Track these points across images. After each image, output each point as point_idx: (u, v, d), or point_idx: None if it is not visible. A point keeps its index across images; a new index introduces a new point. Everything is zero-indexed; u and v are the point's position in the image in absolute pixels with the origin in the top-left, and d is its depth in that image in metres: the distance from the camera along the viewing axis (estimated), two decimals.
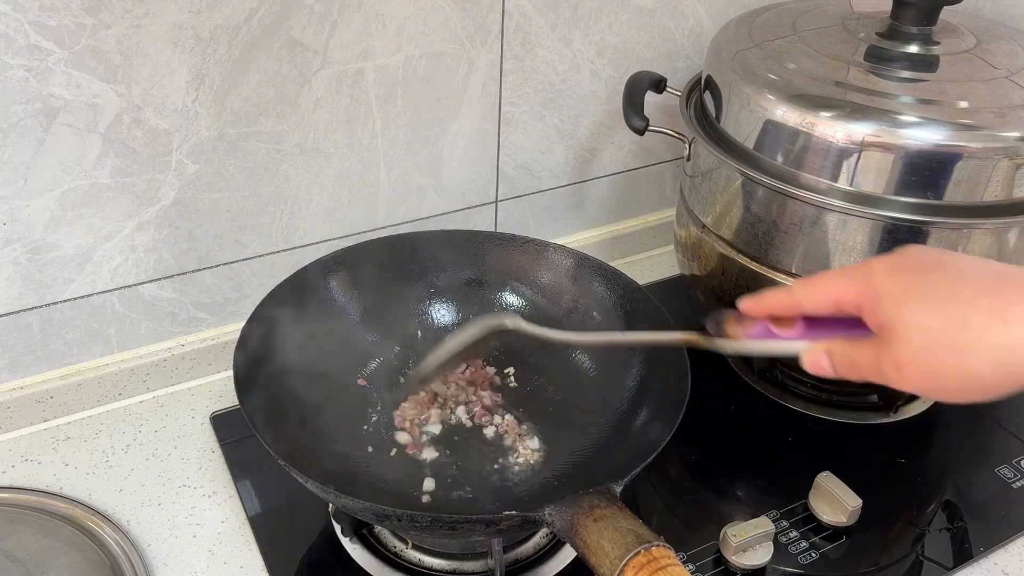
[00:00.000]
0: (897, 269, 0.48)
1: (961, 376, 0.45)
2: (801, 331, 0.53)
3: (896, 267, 0.48)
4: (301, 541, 0.73)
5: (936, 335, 0.45)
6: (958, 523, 0.77)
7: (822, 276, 0.51)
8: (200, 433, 0.82)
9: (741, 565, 0.70)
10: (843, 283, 0.50)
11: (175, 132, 0.77)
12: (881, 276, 0.48)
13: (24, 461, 0.79)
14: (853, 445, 0.84)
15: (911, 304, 0.46)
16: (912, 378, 0.46)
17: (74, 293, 0.80)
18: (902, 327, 0.46)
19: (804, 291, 0.51)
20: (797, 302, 0.52)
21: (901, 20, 0.78)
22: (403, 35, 0.82)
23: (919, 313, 0.46)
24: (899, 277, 0.48)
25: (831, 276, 0.51)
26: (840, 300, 0.50)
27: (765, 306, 0.53)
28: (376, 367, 0.81)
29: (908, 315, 0.46)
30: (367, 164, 0.88)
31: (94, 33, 0.70)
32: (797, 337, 0.53)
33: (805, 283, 0.52)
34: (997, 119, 0.68)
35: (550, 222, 1.05)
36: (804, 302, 0.51)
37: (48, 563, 0.66)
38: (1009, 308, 0.44)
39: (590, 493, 0.57)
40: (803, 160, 0.72)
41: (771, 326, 0.53)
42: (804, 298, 0.51)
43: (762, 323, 0.54)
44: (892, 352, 0.46)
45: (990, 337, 0.44)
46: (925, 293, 0.46)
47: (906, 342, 0.46)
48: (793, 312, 0.52)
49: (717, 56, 0.81)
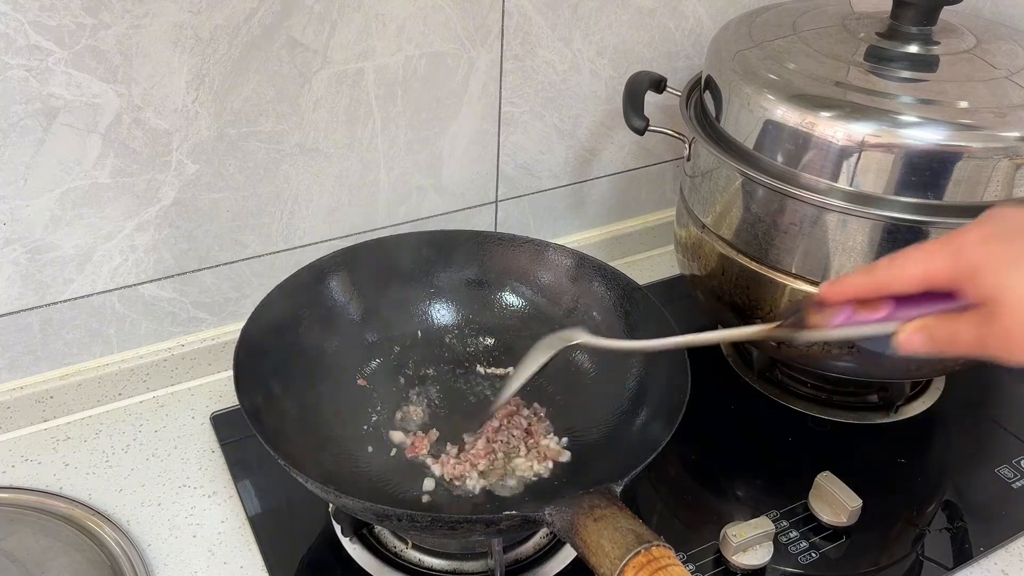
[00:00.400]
0: (991, 237, 0.46)
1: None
2: (891, 311, 0.50)
3: (986, 235, 0.46)
4: (301, 541, 0.73)
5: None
6: (958, 523, 0.77)
7: (907, 253, 0.49)
8: (200, 433, 0.82)
9: (741, 565, 0.70)
10: (933, 259, 0.48)
11: (175, 132, 0.77)
12: (974, 247, 0.46)
13: (24, 461, 0.79)
14: (853, 445, 0.84)
15: (1014, 274, 0.44)
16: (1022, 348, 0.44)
17: (74, 293, 0.80)
18: (1008, 298, 0.44)
19: (890, 271, 0.49)
20: (883, 283, 0.50)
21: (901, 20, 0.78)
22: (403, 35, 0.82)
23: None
24: (995, 246, 0.46)
25: (918, 253, 0.49)
26: (931, 277, 0.48)
27: (848, 291, 0.51)
28: (376, 367, 0.81)
29: (1015, 284, 0.44)
30: (367, 164, 0.88)
31: (94, 33, 0.70)
32: (885, 319, 0.50)
33: (890, 262, 0.49)
34: (997, 119, 0.68)
35: (550, 222, 1.05)
36: (891, 283, 0.49)
37: (48, 563, 0.66)
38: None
39: (590, 493, 0.57)
40: (803, 160, 0.72)
41: (856, 311, 0.51)
42: (891, 278, 0.49)
43: (846, 308, 0.51)
44: (1000, 325, 0.44)
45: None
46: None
47: (1014, 313, 0.44)
48: (880, 294, 0.50)
49: (717, 56, 0.81)
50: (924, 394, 0.90)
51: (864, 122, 0.69)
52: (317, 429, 0.73)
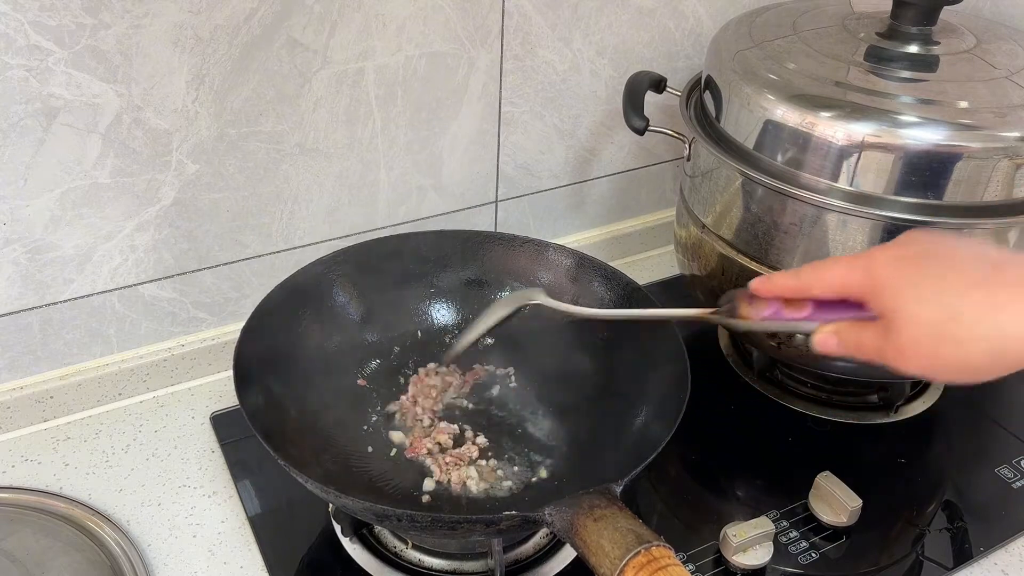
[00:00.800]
0: (899, 259, 0.50)
1: (959, 362, 0.47)
2: (810, 312, 0.55)
3: (897, 257, 0.51)
4: (301, 541, 0.73)
5: (932, 326, 0.48)
6: (958, 523, 0.77)
7: (829, 262, 0.54)
8: (200, 433, 0.82)
9: (741, 565, 0.70)
10: (848, 271, 0.52)
11: (175, 132, 0.77)
12: (882, 266, 0.50)
13: (24, 461, 0.79)
14: (853, 445, 0.84)
15: (910, 295, 0.49)
16: (912, 362, 0.49)
17: (74, 293, 0.80)
18: (902, 317, 0.48)
19: (813, 275, 0.54)
20: (806, 286, 0.54)
21: (901, 20, 0.78)
22: (403, 35, 0.82)
23: (916, 304, 0.48)
24: (898, 267, 0.50)
25: (839, 263, 0.53)
26: (846, 287, 0.52)
27: (775, 288, 0.56)
28: (376, 367, 0.81)
29: (907, 306, 0.48)
30: (367, 164, 0.88)
31: (94, 33, 0.70)
32: (806, 318, 0.55)
33: (814, 268, 0.54)
34: (997, 119, 0.68)
35: (550, 222, 1.05)
36: (813, 286, 0.54)
37: (48, 563, 0.66)
38: (1001, 298, 0.46)
39: (590, 493, 0.57)
40: (803, 160, 0.72)
41: (782, 307, 0.56)
42: (813, 282, 0.54)
43: (773, 303, 0.56)
44: (894, 338, 0.49)
45: (982, 328, 0.46)
46: (922, 284, 0.48)
47: (906, 329, 0.48)
48: (802, 295, 0.55)
49: (717, 56, 0.81)
50: (924, 394, 0.90)
51: (864, 122, 0.69)
52: (317, 429, 0.73)
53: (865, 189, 0.70)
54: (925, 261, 0.49)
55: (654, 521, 0.76)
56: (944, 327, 0.47)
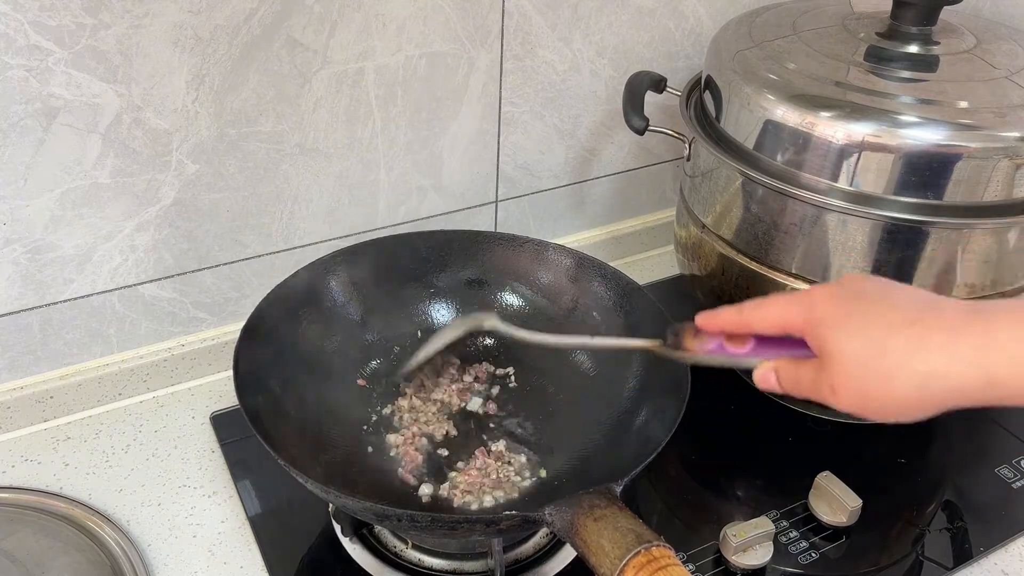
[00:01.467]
0: (836, 297, 0.51)
1: (887, 398, 0.48)
2: (752, 349, 0.55)
3: (835, 295, 0.51)
4: (301, 541, 0.73)
5: (863, 359, 0.48)
6: (958, 523, 0.77)
7: (771, 299, 0.54)
8: (200, 433, 0.82)
9: (741, 565, 0.70)
10: (789, 308, 0.53)
11: (175, 132, 0.77)
12: (821, 303, 0.51)
13: (24, 461, 0.79)
14: (853, 445, 0.84)
15: (844, 330, 0.49)
16: (844, 398, 0.50)
17: (74, 293, 0.80)
18: (835, 351, 0.49)
19: (754, 312, 0.54)
20: (748, 322, 0.55)
21: (901, 20, 0.78)
22: (403, 35, 0.82)
23: (849, 339, 0.49)
24: (836, 304, 0.51)
25: (779, 300, 0.54)
26: (786, 323, 0.53)
27: (718, 323, 0.56)
28: (376, 367, 0.81)
29: (841, 340, 0.49)
30: (367, 164, 0.88)
31: (94, 33, 0.70)
32: (748, 354, 0.56)
33: (756, 305, 0.54)
34: (997, 119, 0.68)
35: (550, 222, 1.05)
36: (754, 322, 0.54)
37: (48, 563, 0.66)
38: (931, 337, 0.47)
39: (590, 493, 0.57)
40: (803, 160, 0.72)
41: (724, 342, 0.56)
42: (754, 319, 0.54)
43: (717, 338, 0.56)
44: (828, 374, 0.50)
45: (912, 363, 0.47)
46: (856, 320, 0.49)
47: (838, 365, 0.49)
48: (744, 331, 0.55)
49: (717, 56, 0.81)
50: None
51: (864, 122, 0.69)
52: (317, 429, 0.73)
53: (865, 189, 0.70)
54: (861, 299, 0.50)
55: (654, 521, 0.76)
56: (873, 361, 0.48)
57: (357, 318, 0.81)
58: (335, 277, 0.80)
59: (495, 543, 0.66)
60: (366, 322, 0.82)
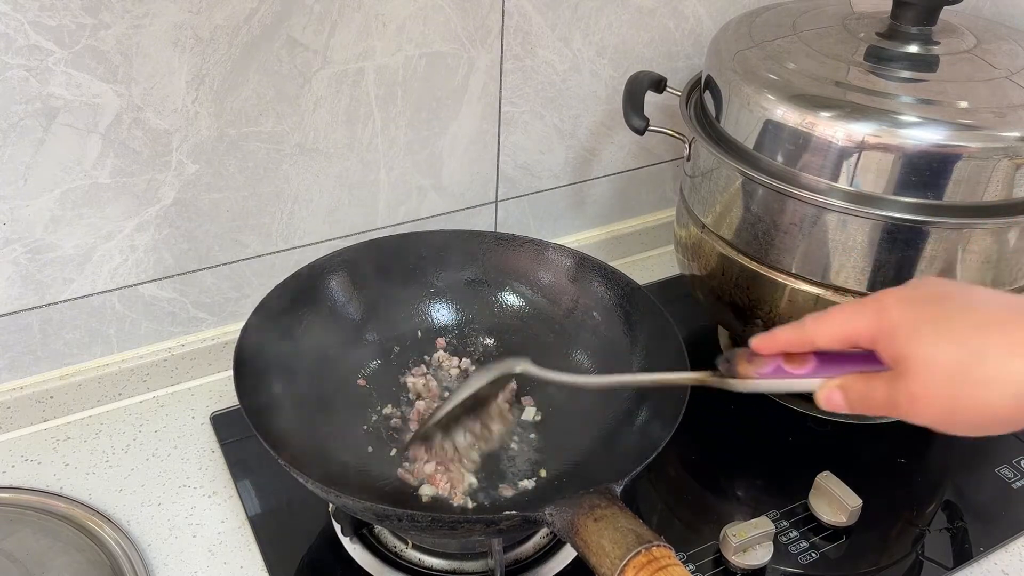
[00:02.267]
0: (910, 300, 0.47)
1: (979, 408, 0.44)
2: (814, 367, 0.52)
3: (909, 298, 0.47)
4: (301, 541, 0.73)
5: (952, 367, 0.44)
6: (958, 523, 0.77)
7: (835, 310, 0.50)
8: (200, 433, 0.82)
9: (741, 565, 0.70)
10: (856, 317, 0.49)
11: (175, 132, 0.77)
12: (894, 308, 0.47)
13: (24, 461, 0.79)
14: (853, 445, 0.84)
15: (925, 336, 0.45)
16: (926, 411, 0.45)
17: (74, 293, 0.80)
18: (916, 359, 0.45)
19: (817, 326, 0.50)
20: (810, 338, 0.51)
21: (901, 20, 0.78)
22: (403, 35, 0.82)
23: (934, 345, 0.45)
24: (912, 308, 0.46)
25: (844, 310, 0.50)
26: (854, 334, 0.49)
27: (778, 343, 0.52)
28: (376, 367, 0.81)
29: (923, 347, 0.45)
30: (367, 164, 0.88)
31: (94, 33, 0.70)
32: (810, 374, 0.52)
33: (817, 318, 0.51)
34: (997, 119, 0.68)
35: (550, 222, 1.05)
36: (817, 338, 0.50)
37: (48, 563, 0.66)
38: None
39: (590, 493, 0.57)
40: (803, 160, 0.72)
41: (783, 363, 0.52)
42: (817, 333, 0.50)
43: (774, 360, 0.53)
44: (906, 385, 0.45)
45: (1012, 367, 0.43)
46: (939, 324, 0.45)
47: (920, 374, 0.45)
48: (806, 348, 0.51)
49: (717, 56, 0.81)
50: None
51: (864, 122, 0.69)
52: (317, 429, 0.73)
53: (865, 189, 0.70)
54: (944, 301, 0.46)
55: (654, 521, 0.76)
56: (965, 368, 0.43)
57: (357, 318, 0.82)
58: (335, 277, 0.80)
59: (495, 543, 0.66)
60: (366, 322, 0.82)
